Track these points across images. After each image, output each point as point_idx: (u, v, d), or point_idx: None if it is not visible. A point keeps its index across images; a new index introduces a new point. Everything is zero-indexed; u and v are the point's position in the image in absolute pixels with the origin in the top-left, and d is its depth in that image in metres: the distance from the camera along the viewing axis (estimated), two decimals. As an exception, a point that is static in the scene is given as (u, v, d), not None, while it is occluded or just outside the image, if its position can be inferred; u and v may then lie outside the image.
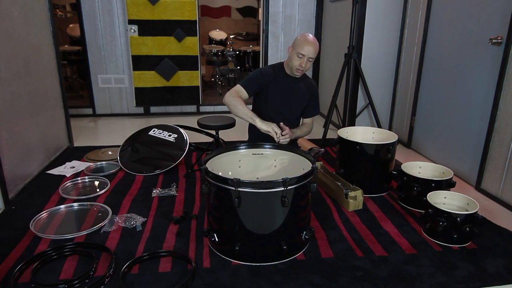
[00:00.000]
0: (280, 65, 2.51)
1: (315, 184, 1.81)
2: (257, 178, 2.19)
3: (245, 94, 2.37)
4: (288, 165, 2.13)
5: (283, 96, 2.48)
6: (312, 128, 2.68)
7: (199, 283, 1.63)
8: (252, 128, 2.54)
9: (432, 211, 1.98)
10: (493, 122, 2.52)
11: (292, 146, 2.18)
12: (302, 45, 2.29)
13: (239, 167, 2.14)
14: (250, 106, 2.48)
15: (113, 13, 4.37)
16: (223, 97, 2.38)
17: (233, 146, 2.14)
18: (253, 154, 2.14)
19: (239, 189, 1.67)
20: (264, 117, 2.42)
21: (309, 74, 5.02)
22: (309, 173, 1.78)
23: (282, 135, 2.26)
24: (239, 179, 1.66)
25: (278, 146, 2.16)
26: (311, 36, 2.34)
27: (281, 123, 2.35)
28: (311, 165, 1.90)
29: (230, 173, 2.12)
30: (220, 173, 1.96)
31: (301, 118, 2.68)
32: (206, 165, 1.85)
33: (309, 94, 2.56)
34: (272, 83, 2.45)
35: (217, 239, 1.83)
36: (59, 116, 3.32)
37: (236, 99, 2.31)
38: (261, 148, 2.16)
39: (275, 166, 2.17)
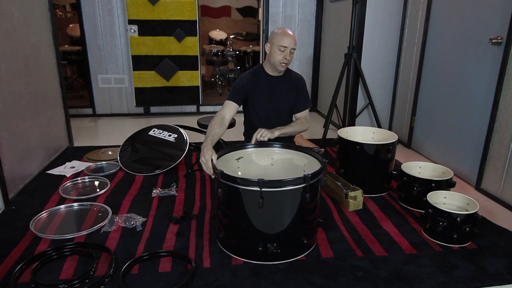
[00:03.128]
0: (260, 67, 2.42)
1: (325, 178, 1.85)
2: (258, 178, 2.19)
3: (234, 105, 2.30)
4: (285, 162, 2.13)
5: (269, 99, 2.41)
6: (308, 122, 2.52)
7: (199, 283, 1.63)
8: (247, 133, 2.54)
9: (432, 211, 1.98)
10: (493, 122, 2.52)
11: (293, 144, 2.18)
12: (282, 38, 2.23)
13: (238, 167, 2.14)
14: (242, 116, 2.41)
15: (113, 13, 4.37)
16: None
17: (238, 145, 2.15)
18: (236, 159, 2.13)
19: (263, 189, 1.66)
20: (257, 123, 2.39)
21: (309, 74, 5.02)
22: (321, 169, 1.82)
23: (260, 136, 2.19)
24: (263, 179, 1.65)
25: (285, 145, 2.16)
26: (286, 28, 2.28)
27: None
28: (307, 161, 1.90)
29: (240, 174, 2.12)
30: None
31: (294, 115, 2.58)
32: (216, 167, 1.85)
33: (295, 89, 2.46)
34: (254, 90, 2.38)
35: (237, 243, 1.82)
36: (59, 116, 3.32)
37: (213, 121, 2.19)
38: (269, 148, 2.17)
39: (272, 165, 2.17)
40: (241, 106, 2.44)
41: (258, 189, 1.66)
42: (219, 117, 2.22)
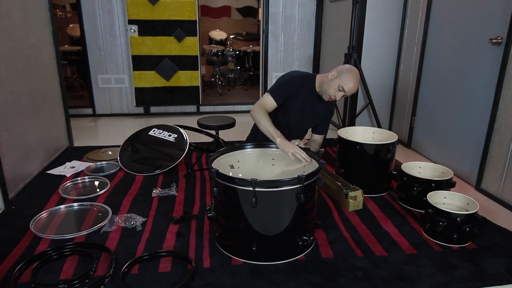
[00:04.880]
0: (312, 78, 2.32)
1: (323, 179, 1.83)
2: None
3: (273, 103, 2.21)
4: (286, 164, 2.13)
5: (304, 114, 2.35)
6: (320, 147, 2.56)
7: (199, 283, 1.63)
8: (253, 134, 2.52)
9: (432, 211, 1.98)
10: (493, 122, 2.52)
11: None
12: (349, 82, 2.14)
13: (238, 167, 2.14)
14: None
15: (113, 13, 4.37)
16: (252, 109, 2.21)
17: (238, 146, 2.14)
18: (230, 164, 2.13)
19: (256, 189, 1.66)
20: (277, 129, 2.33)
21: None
22: (318, 169, 1.81)
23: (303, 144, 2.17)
24: (256, 179, 1.65)
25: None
26: (359, 75, 2.21)
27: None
28: (309, 162, 1.90)
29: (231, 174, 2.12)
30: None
31: (311, 133, 2.57)
32: (212, 166, 1.85)
33: (326, 113, 2.44)
34: (296, 97, 2.28)
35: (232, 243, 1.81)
36: (59, 116, 3.32)
37: (261, 114, 2.15)
38: (267, 148, 2.18)
39: (273, 165, 2.17)
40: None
41: (252, 189, 1.66)
42: (264, 108, 2.18)
